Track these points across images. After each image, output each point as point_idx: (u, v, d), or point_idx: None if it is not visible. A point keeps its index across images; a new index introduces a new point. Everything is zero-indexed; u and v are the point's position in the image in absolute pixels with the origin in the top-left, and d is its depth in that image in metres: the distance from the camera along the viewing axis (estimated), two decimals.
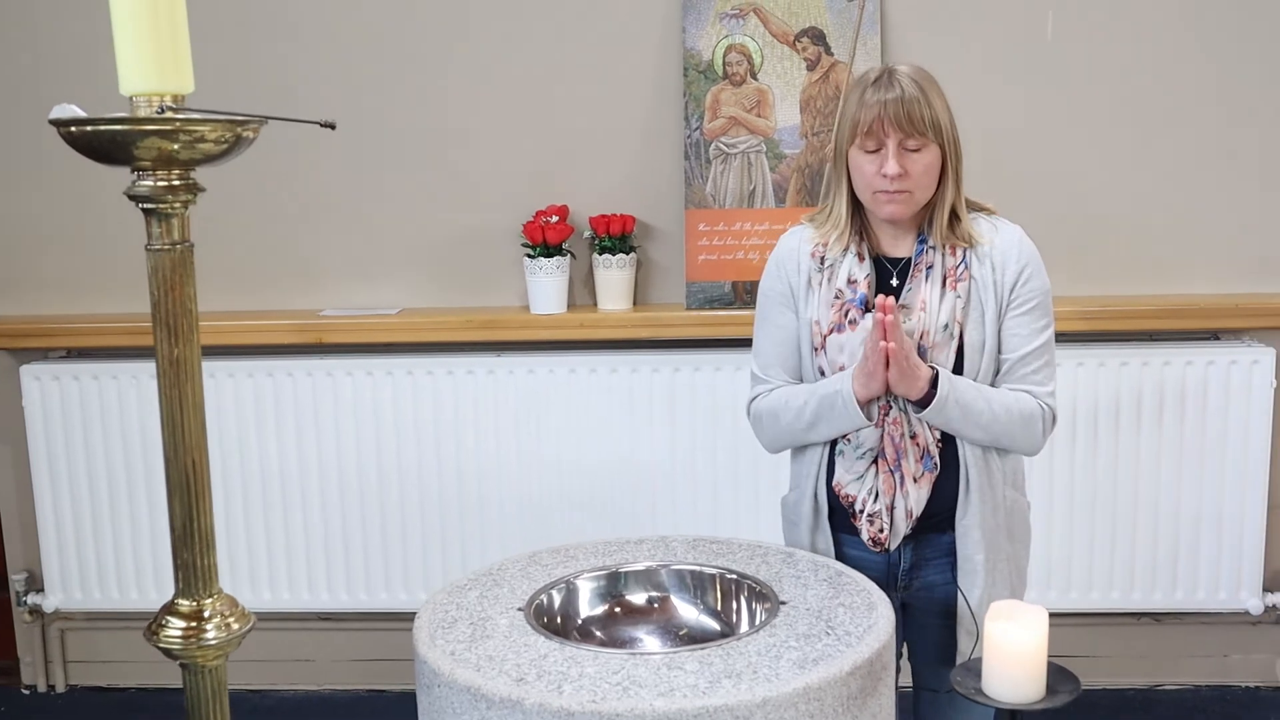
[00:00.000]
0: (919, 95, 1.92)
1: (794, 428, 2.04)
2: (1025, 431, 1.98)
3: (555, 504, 3.15)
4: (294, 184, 3.20)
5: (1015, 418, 1.96)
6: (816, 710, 1.54)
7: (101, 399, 3.19)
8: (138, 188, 1.41)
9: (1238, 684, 3.28)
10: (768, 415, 2.08)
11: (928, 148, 1.94)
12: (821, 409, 1.99)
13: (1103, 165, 3.09)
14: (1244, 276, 3.12)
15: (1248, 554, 3.10)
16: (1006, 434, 1.97)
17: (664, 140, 3.13)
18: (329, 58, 3.15)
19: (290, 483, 3.19)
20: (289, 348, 3.16)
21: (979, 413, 1.94)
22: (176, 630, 1.49)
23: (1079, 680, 1.55)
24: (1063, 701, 1.51)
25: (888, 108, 1.91)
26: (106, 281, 3.28)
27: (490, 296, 3.23)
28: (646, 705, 1.48)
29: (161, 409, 1.47)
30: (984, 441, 1.98)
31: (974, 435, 1.97)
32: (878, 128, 1.92)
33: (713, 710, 1.48)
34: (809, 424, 2.02)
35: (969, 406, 1.94)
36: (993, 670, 1.56)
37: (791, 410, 2.04)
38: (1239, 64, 3.04)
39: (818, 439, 2.04)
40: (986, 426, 1.96)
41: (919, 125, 1.91)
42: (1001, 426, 1.96)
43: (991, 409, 1.95)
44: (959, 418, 1.94)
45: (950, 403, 1.92)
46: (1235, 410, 3.05)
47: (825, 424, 2.00)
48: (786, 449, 2.14)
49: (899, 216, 1.98)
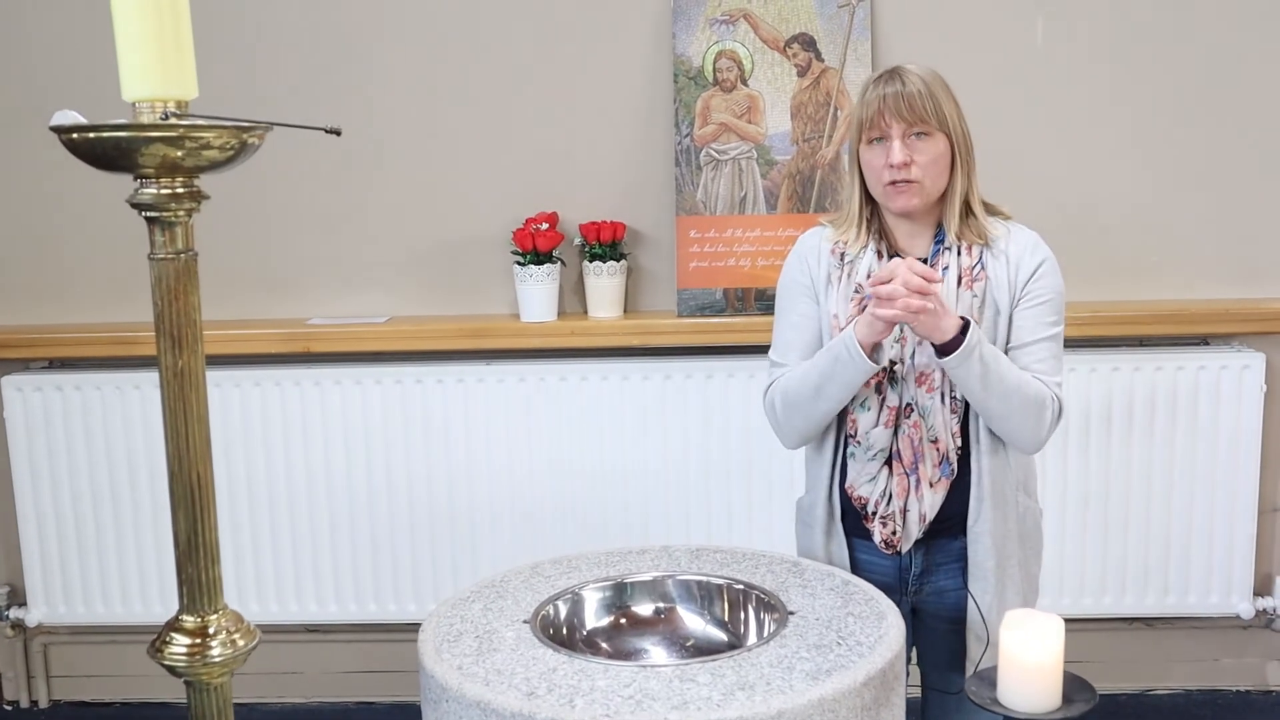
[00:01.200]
0: (922, 88, 1.93)
1: (802, 395, 1.98)
2: (1036, 415, 1.93)
3: (546, 513, 3.13)
4: (280, 191, 3.17)
5: (1031, 396, 1.92)
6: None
7: (84, 410, 3.15)
8: (140, 196, 1.38)
9: (1229, 688, 3.29)
10: (779, 395, 2.03)
11: (934, 138, 1.94)
12: (827, 365, 1.94)
13: (1092, 171, 3.09)
14: (1234, 282, 3.13)
15: (1238, 558, 3.11)
16: (1020, 410, 1.91)
17: (654, 147, 3.12)
18: (315, 65, 3.12)
19: (278, 494, 3.15)
20: (276, 357, 3.13)
21: (1001, 376, 1.88)
22: (181, 647, 1.47)
23: (1095, 690, 1.54)
24: (1079, 711, 1.50)
25: (888, 100, 1.93)
26: (89, 291, 3.24)
27: (480, 304, 3.20)
28: (661, 718, 1.46)
29: (165, 421, 1.44)
30: (995, 413, 1.92)
31: (989, 402, 1.90)
32: (879, 119, 1.94)
33: None
34: (816, 386, 1.96)
35: (991, 365, 1.87)
36: (1008, 679, 1.54)
37: (798, 378, 1.99)
38: (1230, 70, 3.05)
39: (828, 404, 1.97)
40: (1002, 396, 1.89)
41: (920, 114, 1.92)
42: (1016, 401, 1.90)
43: (1011, 378, 1.90)
44: (979, 375, 1.87)
45: (976, 356, 1.86)
46: (1225, 415, 3.05)
47: (832, 381, 1.94)
48: (802, 435, 2.07)
49: (910, 208, 1.97)
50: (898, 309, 1.82)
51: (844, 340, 1.91)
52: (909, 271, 1.82)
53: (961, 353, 1.86)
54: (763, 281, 3.05)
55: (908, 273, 1.82)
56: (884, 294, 1.82)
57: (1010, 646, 1.54)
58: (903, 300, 1.81)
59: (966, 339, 1.86)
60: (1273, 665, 3.28)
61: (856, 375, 1.92)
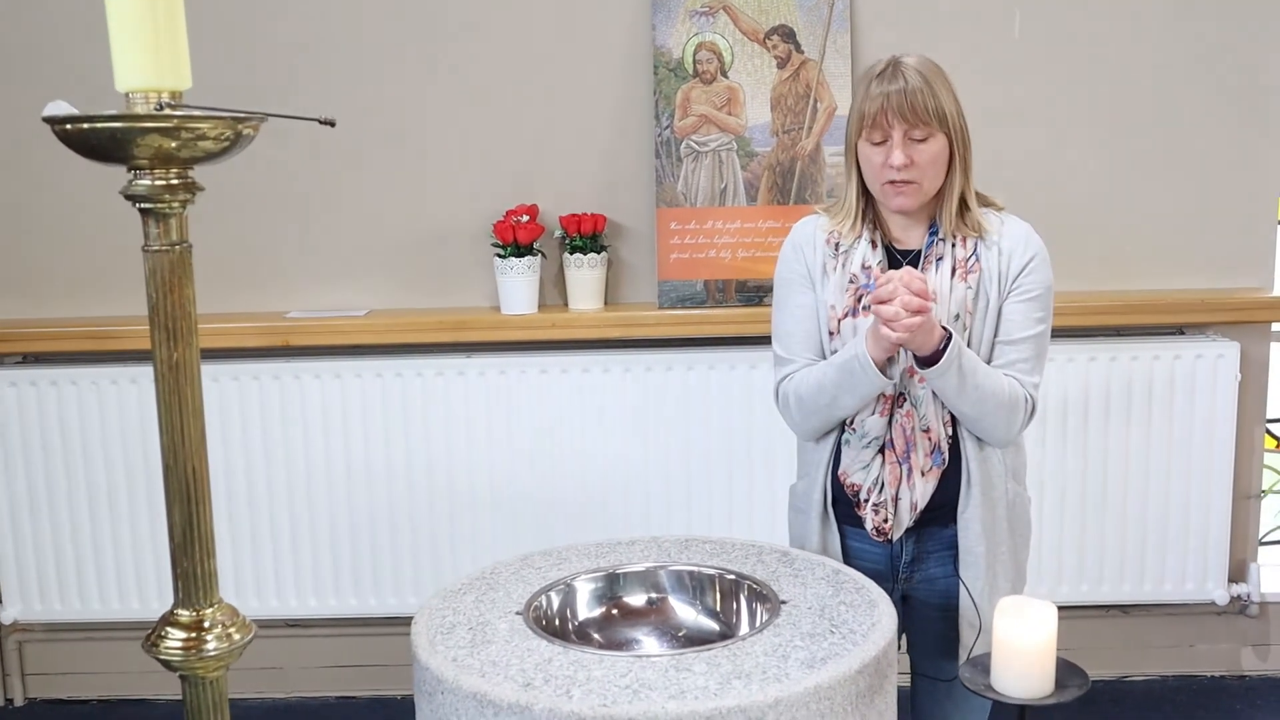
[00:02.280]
0: (923, 85, 1.92)
1: (818, 403, 2.01)
2: (1008, 417, 1.97)
3: (527, 507, 3.13)
4: (258, 183, 3.15)
5: (1004, 401, 1.95)
6: (827, 709, 1.53)
7: (60, 405, 3.12)
8: (135, 187, 1.37)
9: (1204, 673, 3.33)
10: (795, 398, 2.05)
11: (934, 137, 1.95)
12: (841, 378, 1.96)
13: (1069, 164, 3.12)
14: (1208, 273, 3.16)
15: (1213, 545, 3.15)
16: (992, 414, 1.95)
17: (634, 139, 3.12)
18: (293, 57, 3.10)
19: (257, 490, 3.14)
20: (255, 350, 3.11)
21: (975, 386, 1.92)
22: (176, 641, 1.45)
23: (1088, 675, 1.56)
24: (1072, 696, 1.52)
25: (891, 99, 1.92)
26: (64, 285, 3.21)
27: (460, 297, 3.20)
28: (659, 708, 1.46)
29: (160, 414, 1.43)
30: (968, 416, 1.96)
31: (961, 407, 1.95)
32: (882, 119, 1.93)
33: (725, 712, 1.46)
34: (832, 396, 1.99)
35: (968, 376, 1.92)
36: (1002, 666, 1.56)
37: (813, 386, 2.01)
38: (1204, 63, 3.08)
39: (844, 411, 2.01)
40: (976, 403, 1.94)
41: (923, 115, 1.92)
42: (990, 405, 1.94)
43: (987, 385, 1.94)
44: (955, 385, 1.91)
45: (954, 367, 1.89)
46: (1201, 404, 3.09)
47: (847, 393, 1.97)
48: (818, 432, 2.08)
49: (908, 208, 1.99)
50: (901, 331, 1.83)
51: (856, 356, 1.93)
52: (908, 292, 1.83)
53: (942, 365, 1.90)
54: (743, 273, 3.06)
55: (907, 294, 1.83)
56: (887, 315, 1.84)
57: (1004, 633, 1.55)
58: (904, 322, 1.83)
59: (948, 352, 1.89)
60: (1246, 651, 3.32)
61: (871, 389, 1.96)
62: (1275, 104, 3.10)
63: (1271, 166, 3.12)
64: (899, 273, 1.86)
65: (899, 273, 1.86)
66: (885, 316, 1.84)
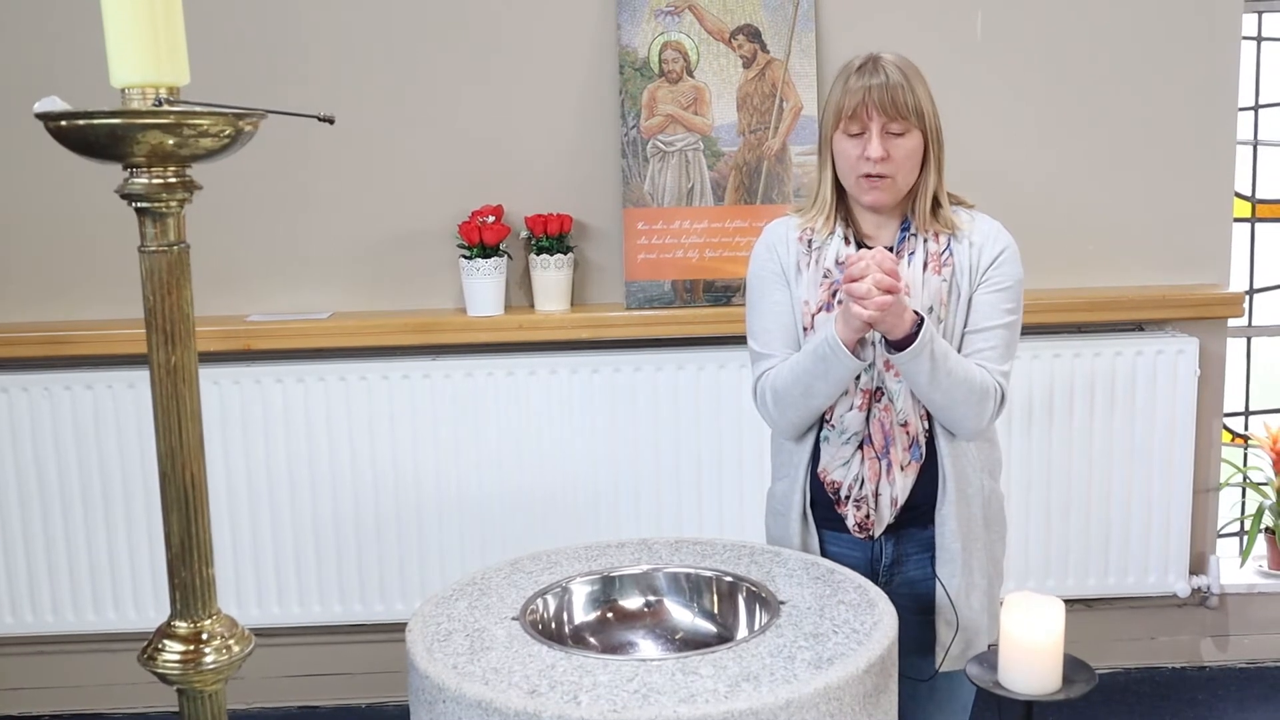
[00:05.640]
0: (903, 81, 1.94)
1: (793, 394, 2.00)
2: (977, 406, 1.97)
3: (497, 509, 3.09)
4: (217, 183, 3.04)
5: (975, 389, 1.96)
6: (836, 710, 1.52)
7: (32, 413, 3.03)
8: (131, 186, 1.32)
9: (1166, 665, 3.37)
10: (771, 393, 2.04)
11: (910, 133, 1.95)
12: (813, 364, 1.95)
13: (1030, 163, 3.14)
14: (1167, 269, 3.21)
15: (1174, 538, 3.20)
16: (963, 403, 1.96)
17: (600, 138, 3.09)
18: (253, 57, 3.04)
19: (217, 496, 3.06)
20: (215, 355, 3.03)
21: (948, 373, 1.92)
22: (174, 655, 1.42)
23: (1094, 671, 1.56)
24: (1080, 693, 1.52)
25: (872, 92, 1.93)
26: (32, 289, 3.12)
27: (425, 299, 3.15)
28: (670, 712, 1.44)
29: (156, 419, 1.39)
30: (938, 404, 1.96)
31: (933, 395, 1.95)
32: (861, 112, 1.94)
33: (737, 714, 1.45)
34: (806, 385, 1.98)
35: (939, 362, 1.91)
36: (1009, 662, 1.56)
37: (788, 377, 2.00)
38: (1163, 65, 3.12)
39: (819, 400, 1.99)
40: (948, 390, 1.94)
41: (902, 110, 1.93)
42: (960, 393, 1.95)
43: (958, 372, 1.94)
44: (928, 371, 1.91)
45: (926, 352, 1.89)
46: (1161, 399, 3.13)
47: (820, 379, 1.96)
48: (798, 428, 2.07)
49: (881, 204, 1.99)
50: (873, 309, 1.83)
51: (826, 340, 1.92)
52: (879, 270, 1.83)
53: (915, 348, 1.89)
54: (711, 273, 3.05)
55: (879, 272, 1.83)
56: (859, 292, 1.83)
57: (1011, 629, 1.55)
58: (876, 300, 1.82)
59: (920, 335, 1.88)
60: (1206, 642, 3.38)
61: (844, 373, 1.94)
62: (1230, 103, 3.15)
63: (1227, 164, 3.17)
64: (871, 252, 1.86)
65: (871, 252, 1.86)
66: (857, 294, 1.83)
